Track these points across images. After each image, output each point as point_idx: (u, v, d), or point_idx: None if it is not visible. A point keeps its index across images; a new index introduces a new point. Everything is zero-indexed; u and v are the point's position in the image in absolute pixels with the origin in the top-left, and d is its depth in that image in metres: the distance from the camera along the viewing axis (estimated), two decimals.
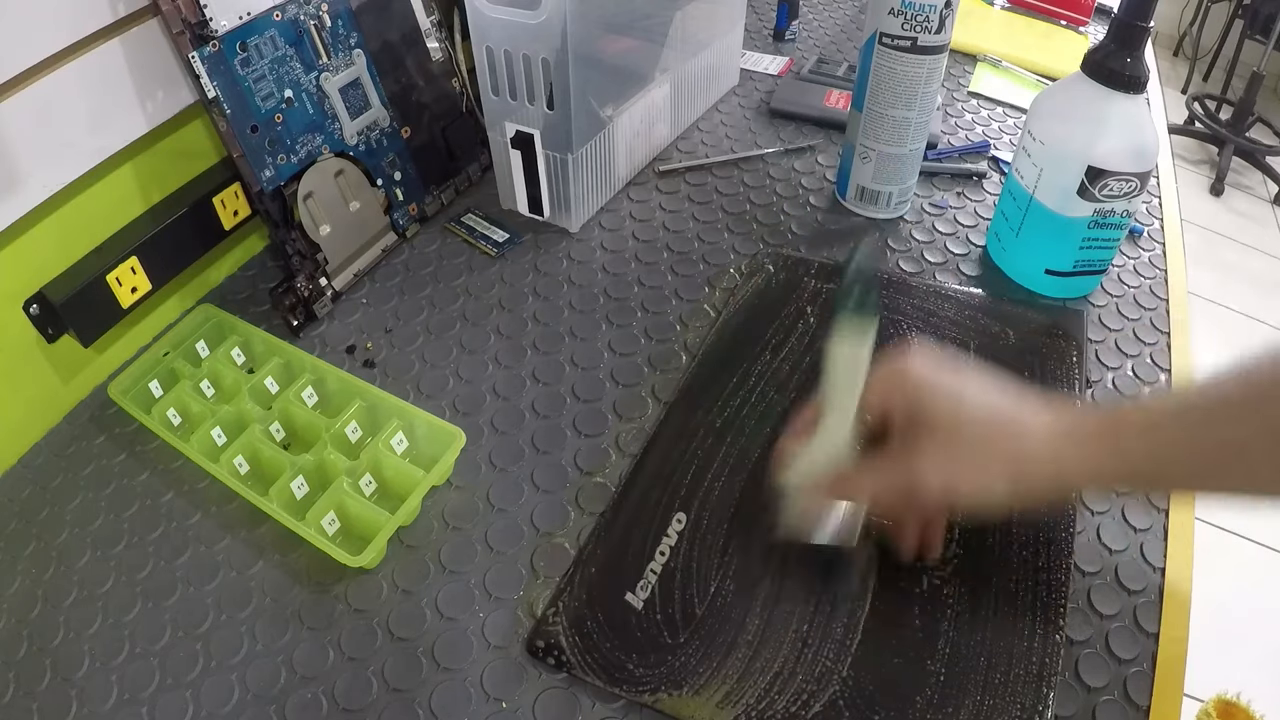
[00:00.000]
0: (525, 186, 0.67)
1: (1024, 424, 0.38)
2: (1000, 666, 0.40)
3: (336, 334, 0.60)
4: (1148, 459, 0.36)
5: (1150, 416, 0.37)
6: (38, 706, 0.41)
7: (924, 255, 0.66)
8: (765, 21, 1.00)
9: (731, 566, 0.44)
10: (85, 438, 0.54)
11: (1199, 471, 0.36)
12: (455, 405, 0.55)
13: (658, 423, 0.52)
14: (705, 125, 0.82)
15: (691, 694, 0.40)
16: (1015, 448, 0.37)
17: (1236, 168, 2.59)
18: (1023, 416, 0.38)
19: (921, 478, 0.38)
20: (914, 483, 0.39)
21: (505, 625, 0.44)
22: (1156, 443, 0.36)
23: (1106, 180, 0.55)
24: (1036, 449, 0.37)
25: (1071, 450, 0.37)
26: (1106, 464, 0.36)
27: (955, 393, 0.39)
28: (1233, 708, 0.41)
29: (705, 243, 0.68)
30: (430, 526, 0.48)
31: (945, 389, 0.39)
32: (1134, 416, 0.37)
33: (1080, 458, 0.37)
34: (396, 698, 0.41)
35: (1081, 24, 1.00)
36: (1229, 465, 0.35)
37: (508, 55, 0.59)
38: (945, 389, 0.39)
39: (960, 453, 0.38)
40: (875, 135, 0.65)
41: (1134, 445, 0.36)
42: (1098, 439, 0.36)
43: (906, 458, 0.39)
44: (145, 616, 0.44)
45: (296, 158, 0.58)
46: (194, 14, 0.50)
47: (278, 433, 0.52)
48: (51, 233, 0.52)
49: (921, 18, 0.58)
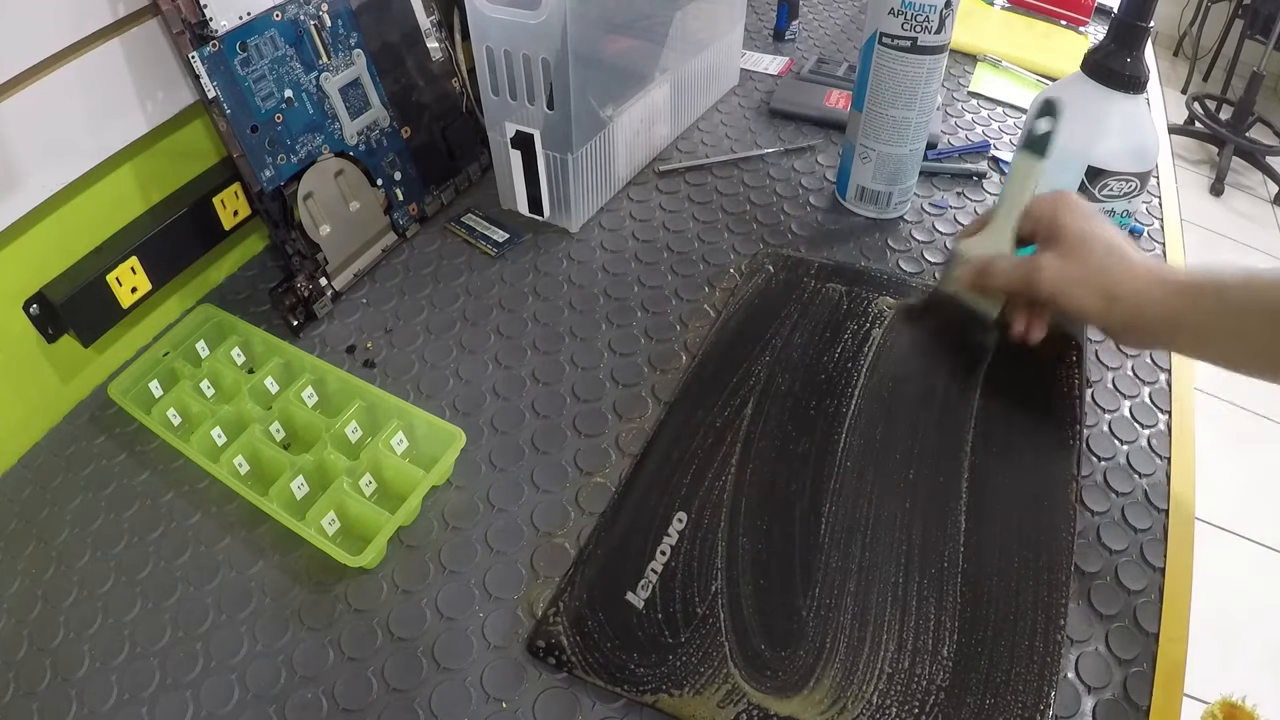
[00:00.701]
0: (525, 186, 0.67)
1: (1130, 262, 0.46)
2: (1001, 666, 0.40)
3: (336, 334, 0.60)
4: (1209, 319, 0.44)
5: (1221, 283, 0.44)
6: (38, 706, 0.41)
7: (924, 255, 0.66)
8: (765, 21, 1.00)
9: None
10: (85, 438, 0.54)
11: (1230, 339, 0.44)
12: (455, 405, 0.55)
13: (658, 423, 0.52)
14: (705, 125, 0.82)
15: (693, 694, 0.40)
16: (1115, 278, 0.45)
17: (1236, 168, 2.60)
18: (1131, 257, 0.46)
19: (1040, 275, 0.48)
20: (1034, 278, 0.48)
21: (505, 625, 0.44)
22: (1220, 308, 0.44)
23: (1106, 180, 0.55)
24: (1131, 284, 0.45)
25: (1160, 293, 0.44)
26: (1185, 318, 0.44)
27: (1091, 221, 0.48)
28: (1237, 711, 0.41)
29: (705, 243, 0.68)
30: (430, 526, 0.48)
31: (1086, 215, 0.48)
32: (1209, 284, 0.44)
33: (1159, 302, 0.44)
34: (396, 698, 0.41)
35: (1081, 24, 1.00)
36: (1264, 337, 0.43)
37: (508, 55, 0.59)
38: (1086, 215, 0.48)
39: (1074, 265, 0.47)
40: (875, 135, 0.65)
41: (1206, 305, 0.44)
42: (1188, 293, 0.44)
43: (1037, 258, 0.48)
44: (145, 616, 0.44)
45: (296, 158, 0.58)
46: (194, 14, 0.50)
47: (278, 433, 0.52)
48: (51, 233, 0.52)
49: (921, 18, 0.58)
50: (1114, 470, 0.51)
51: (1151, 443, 0.53)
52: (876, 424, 0.51)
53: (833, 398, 0.53)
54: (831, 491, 0.48)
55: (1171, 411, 0.55)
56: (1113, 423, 0.54)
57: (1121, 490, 0.50)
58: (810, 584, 0.44)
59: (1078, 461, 0.49)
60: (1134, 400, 0.55)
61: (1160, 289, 0.44)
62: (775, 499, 0.48)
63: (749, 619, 0.43)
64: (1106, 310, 0.46)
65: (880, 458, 0.49)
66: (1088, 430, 0.53)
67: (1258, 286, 0.42)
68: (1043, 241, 0.49)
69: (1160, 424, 0.54)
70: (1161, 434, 0.53)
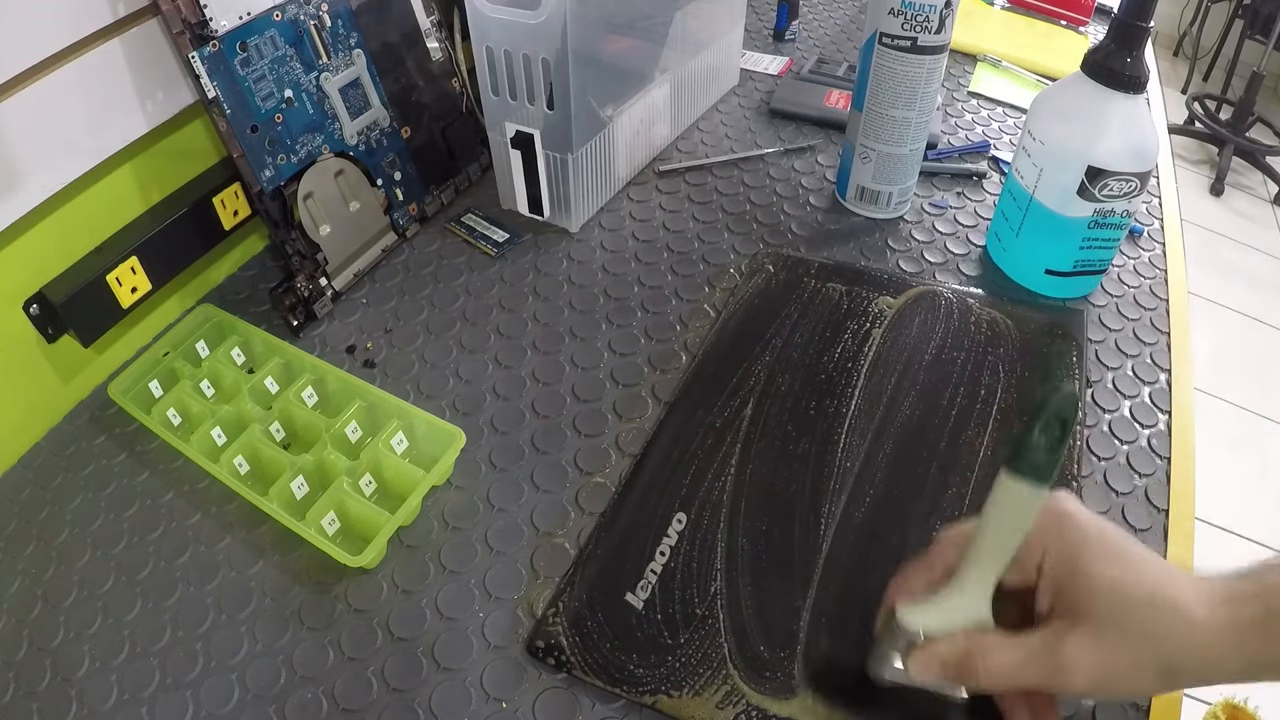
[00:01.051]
0: (525, 186, 0.67)
1: (1188, 614, 0.33)
2: None
3: (336, 334, 0.60)
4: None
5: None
6: (38, 707, 0.41)
7: (924, 255, 0.66)
8: (765, 21, 1.00)
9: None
10: (85, 438, 0.54)
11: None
12: (455, 405, 0.55)
13: (658, 423, 0.52)
14: (705, 125, 0.82)
15: (692, 694, 0.40)
16: (1174, 645, 0.32)
17: (1236, 168, 2.60)
18: (1186, 602, 0.33)
19: (1070, 671, 0.33)
20: (1059, 676, 0.33)
21: (505, 625, 0.44)
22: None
23: (1106, 180, 0.55)
24: (1196, 644, 0.32)
25: (1231, 647, 0.32)
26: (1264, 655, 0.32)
27: (1118, 560, 0.34)
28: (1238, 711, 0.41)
29: (705, 243, 0.68)
30: (430, 526, 0.48)
31: (1108, 552, 0.34)
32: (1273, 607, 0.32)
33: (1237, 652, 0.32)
34: (396, 698, 0.41)
35: (1081, 24, 1.00)
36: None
37: (508, 55, 0.59)
38: (1108, 552, 0.34)
39: (1118, 647, 0.33)
40: (875, 135, 0.65)
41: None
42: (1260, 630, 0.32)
43: (1061, 643, 0.33)
44: (145, 616, 0.44)
45: (296, 158, 0.58)
46: (194, 14, 0.50)
47: (278, 433, 0.52)
48: (51, 233, 0.52)
49: (921, 18, 0.58)
50: (1114, 470, 0.51)
51: (1151, 443, 0.53)
52: (876, 424, 0.51)
53: (833, 398, 0.53)
54: (831, 491, 0.48)
55: (1171, 411, 0.55)
56: (1113, 423, 0.54)
57: (1121, 490, 0.50)
58: (810, 584, 0.44)
59: (1078, 461, 0.49)
60: (1134, 400, 0.55)
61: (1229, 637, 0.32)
62: (775, 499, 0.48)
63: (748, 620, 0.43)
64: (1165, 687, 0.34)
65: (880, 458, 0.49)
66: (1088, 430, 0.53)
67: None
68: (1049, 607, 0.35)
69: (1160, 424, 0.54)
70: (1161, 434, 0.53)
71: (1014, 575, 0.36)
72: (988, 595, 0.35)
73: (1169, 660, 0.32)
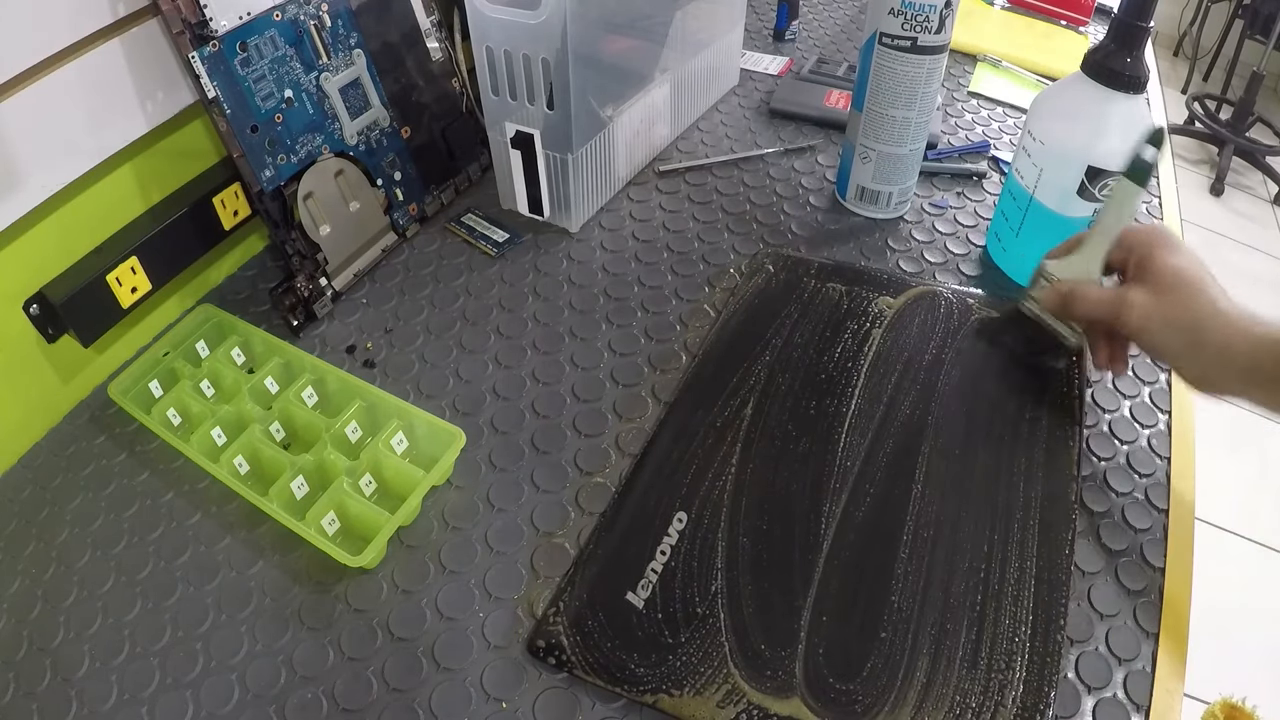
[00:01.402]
0: (525, 186, 0.67)
1: (1220, 309, 0.45)
2: (1000, 666, 0.40)
3: (336, 334, 0.60)
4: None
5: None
6: (38, 707, 0.41)
7: (924, 255, 0.67)
8: (765, 21, 1.00)
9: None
10: (85, 438, 0.54)
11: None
12: (455, 405, 0.55)
13: (658, 423, 0.52)
14: (705, 125, 0.82)
15: (692, 694, 0.40)
16: (1204, 324, 0.44)
17: (1236, 168, 2.60)
18: (1220, 303, 0.45)
19: (1128, 310, 0.46)
20: (1122, 312, 0.47)
21: (505, 625, 0.44)
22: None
23: (1106, 180, 0.55)
24: (1221, 332, 0.44)
25: (1242, 345, 0.43)
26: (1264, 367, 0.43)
27: (1186, 261, 0.46)
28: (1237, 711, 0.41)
29: (705, 243, 0.68)
30: (430, 526, 0.48)
31: (1181, 254, 0.47)
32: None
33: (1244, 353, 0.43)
34: (396, 698, 0.41)
35: (1081, 24, 1.00)
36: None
37: (508, 55, 0.59)
38: (1181, 254, 0.47)
39: (1164, 305, 0.45)
40: (875, 135, 0.65)
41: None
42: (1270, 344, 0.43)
43: (1126, 291, 0.47)
44: (145, 616, 0.44)
45: (296, 158, 0.58)
46: (194, 14, 0.50)
47: (278, 433, 0.52)
48: (51, 233, 0.52)
49: (921, 18, 0.58)
50: (1114, 470, 0.51)
51: (1151, 443, 0.53)
52: (876, 423, 0.51)
53: (833, 397, 0.53)
54: (831, 491, 0.48)
55: (1171, 411, 0.55)
56: (1113, 423, 0.54)
57: (1121, 490, 0.50)
58: (810, 584, 0.44)
59: (1078, 461, 0.49)
60: (1134, 400, 0.55)
61: (1245, 341, 0.43)
62: (775, 498, 0.48)
63: (749, 619, 0.43)
64: (1190, 356, 0.45)
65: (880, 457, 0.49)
66: (1088, 430, 0.53)
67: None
68: (1132, 274, 0.48)
69: (1160, 424, 0.54)
70: (1161, 434, 0.53)
71: (1117, 252, 0.49)
72: (1099, 260, 0.49)
73: (1198, 334, 0.44)
